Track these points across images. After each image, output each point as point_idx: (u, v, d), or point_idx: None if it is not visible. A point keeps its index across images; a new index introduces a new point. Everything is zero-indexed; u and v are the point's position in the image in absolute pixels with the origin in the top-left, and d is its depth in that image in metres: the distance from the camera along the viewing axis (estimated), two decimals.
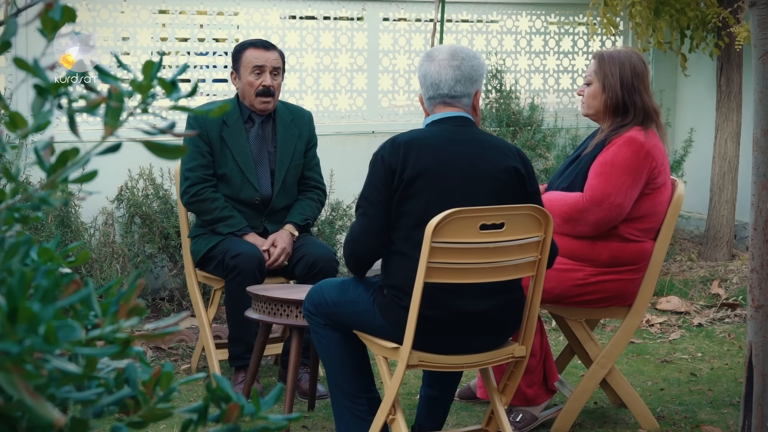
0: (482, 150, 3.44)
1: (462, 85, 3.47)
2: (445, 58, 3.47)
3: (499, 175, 3.41)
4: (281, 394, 1.40)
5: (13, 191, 1.32)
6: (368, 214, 3.39)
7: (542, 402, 4.12)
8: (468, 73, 3.48)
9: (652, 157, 3.94)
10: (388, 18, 6.75)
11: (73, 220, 5.42)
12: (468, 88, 3.48)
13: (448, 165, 3.37)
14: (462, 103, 3.49)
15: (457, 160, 3.39)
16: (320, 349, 3.62)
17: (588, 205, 3.91)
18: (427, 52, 3.55)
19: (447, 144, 3.41)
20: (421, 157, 3.35)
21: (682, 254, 6.96)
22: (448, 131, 3.45)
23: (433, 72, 3.47)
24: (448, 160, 3.38)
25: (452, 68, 3.46)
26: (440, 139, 3.42)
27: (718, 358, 5.15)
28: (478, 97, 3.53)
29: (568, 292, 3.97)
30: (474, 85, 3.50)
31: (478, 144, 3.46)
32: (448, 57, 3.48)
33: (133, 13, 5.98)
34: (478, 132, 3.51)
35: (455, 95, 3.47)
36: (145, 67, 1.32)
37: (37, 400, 1.14)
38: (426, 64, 3.49)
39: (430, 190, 3.34)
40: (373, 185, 3.37)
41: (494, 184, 3.41)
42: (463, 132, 3.46)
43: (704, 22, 6.55)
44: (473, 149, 3.43)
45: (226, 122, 4.60)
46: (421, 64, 3.53)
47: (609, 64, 4.02)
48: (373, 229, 3.38)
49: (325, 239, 5.95)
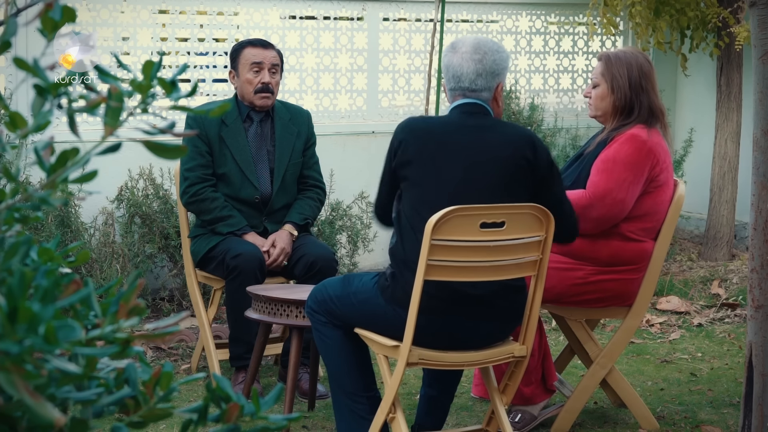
0: (489, 136, 3.43)
1: (483, 78, 3.48)
2: (468, 51, 3.48)
3: (504, 163, 3.39)
4: (281, 394, 1.40)
5: (13, 191, 1.32)
6: (380, 182, 3.58)
7: (540, 401, 4.12)
8: (490, 67, 3.48)
9: (654, 154, 3.94)
10: (388, 18, 6.75)
11: (73, 220, 5.42)
12: (489, 81, 3.49)
13: (450, 151, 3.40)
14: (482, 96, 3.50)
15: (459, 146, 3.40)
16: (322, 347, 3.62)
17: (590, 201, 3.91)
18: (453, 42, 3.57)
19: (453, 131, 3.44)
20: (419, 140, 3.41)
21: (682, 254, 6.96)
22: (456, 117, 3.48)
23: (455, 64, 3.48)
24: (449, 147, 3.40)
25: (474, 62, 3.47)
26: (446, 126, 3.46)
27: (718, 358, 5.15)
28: (500, 90, 3.53)
29: (567, 291, 3.97)
30: (496, 78, 3.50)
31: (486, 130, 3.45)
32: (471, 50, 3.49)
33: (133, 13, 5.98)
34: (490, 119, 3.50)
35: (475, 89, 3.49)
36: (145, 67, 1.32)
37: (37, 400, 1.14)
38: (450, 55, 3.51)
39: (424, 175, 3.38)
40: (385, 159, 3.54)
41: (499, 171, 3.39)
42: (473, 119, 3.47)
43: (704, 22, 6.55)
44: (479, 135, 3.43)
45: (225, 122, 4.60)
46: (445, 53, 3.56)
47: (616, 66, 4.02)
48: (381, 197, 3.59)
49: (325, 239, 5.95)
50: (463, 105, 3.49)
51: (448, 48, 3.56)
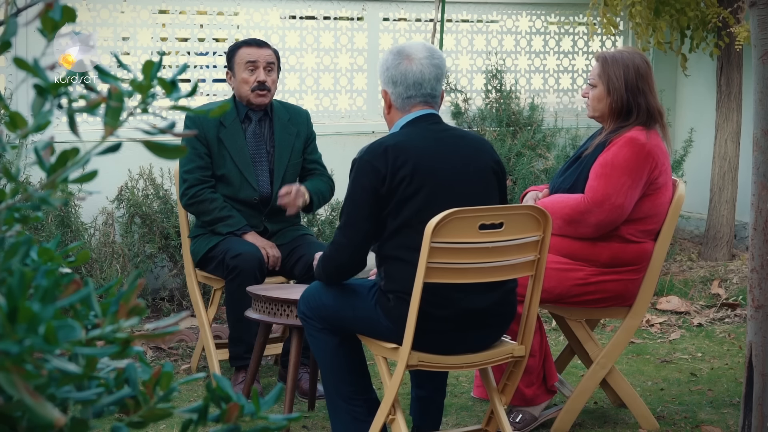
0: (465, 146, 3.46)
1: (439, 83, 3.50)
2: (424, 57, 3.46)
3: (483, 169, 3.45)
4: (281, 394, 1.40)
5: (13, 191, 1.32)
6: (353, 223, 3.36)
7: (542, 402, 4.12)
8: (443, 72, 3.50)
9: (653, 158, 3.94)
10: (388, 18, 6.75)
11: (73, 220, 5.42)
12: (441, 86, 3.53)
13: (438, 163, 3.38)
14: (437, 102, 3.52)
15: (445, 157, 3.40)
16: (317, 353, 3.61)
17: (589, 206, 3.91)
18: (398, 49, 3.49)
19: (433, 143, 3.41)
20: (411, 158, 3.33)
21: (682, 254, 6.96)
22: (428, 130, 3.44)
23: (415, 71, 3.44)
24: (437, 159, 3.38)
25: (433, 66, 3.46)
26: (425, 140, 3.41)
27: (718, 358, 5.15)
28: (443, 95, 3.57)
29: (568, 291, 3.97)
30: (442, 83, 3.55)
31: (460, 140, 3.48)
32: (427, 56, 3.46)
33: (133, 13, 5.98)
34: (454, 128, 3.57)
35: (435, 94, 3.49)
36: (145, 67, 1.32)
37: (37, 400, 1.14)
38: (405, 63, 3.45)
39: (425, 191, 3.33)
40: (359, 193, 3.34)
41: (481, 177, 3.44)
42: (441, 129, 3.47)
43: (704, 22, 6.55)
44: (458, 146, 3.45)
45: (223, 123, 4.60)
46: (394, 61, 3.46)
47: (613, 67, 4.00)
48: (359, 240, 3.37)
49: (325, 239, 5.95)
50: (426, 116, 3.46)
51: (395, 56, 3.47)
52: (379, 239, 3.39)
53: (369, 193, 3.32)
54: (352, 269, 3.44)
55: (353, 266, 3.43)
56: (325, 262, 3.46)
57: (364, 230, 3.35)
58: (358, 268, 3.44)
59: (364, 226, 3.34)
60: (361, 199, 3.34)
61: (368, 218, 3.34)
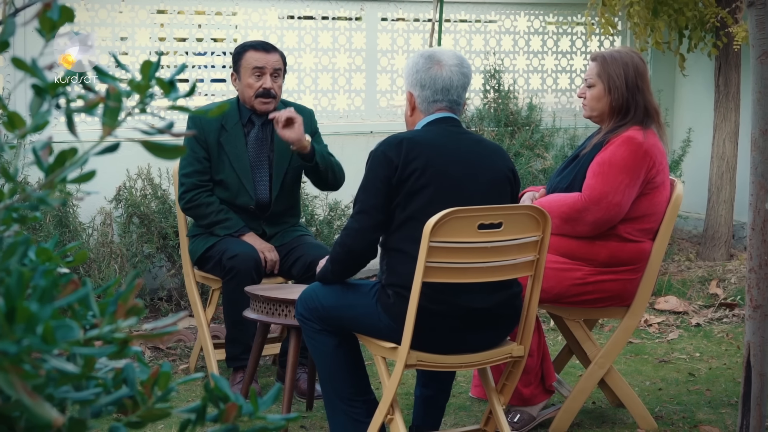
0: (481, 150, 3.51)
1: (464, 92, 3.57)
2: (455, 65, 3.53)
3: (497, 175, 3.48)
4: (279, 394, 1.41)
5: (12, 191, 1.32)
6: (366, 210, 3.40)
7: (539, 402, 4.12)
8: (469, 81, 3.58)
9: (650, 156, 3.94)
10: (387, 18, 6.75)
11: (72, 220, 5.42)
12: (465, 95, 3.59)
13: (451, 162, 3.42)
14: (460, 110, 3.58)
15: (459, 157, 3.44)
16: (315, 354, 3.61)
17: (586, 204, 3.91)
18: (429, 54, 3.55)
19: (449, 143, 3.45)
20: (424, 153, 3.37)
21: (680, 254, 6.96)
22: (446, 131, 3.50)
23: (445, 77, 3.51)
24: (450, 157, 3.42)
25: (462, 75, 3.54)
26: (441, 138, 3.46)
27: (716, 357, 5.15)
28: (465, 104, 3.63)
29: (566, 291, 3.98)
30: (467, 91, 3.62)
31: (477, 144, 3.53)
32: (457, 63, 3.53)
33: (132, 13, 5.98)
34: (473, 133, 3.62)
35: (460, 102, 3.56)
36: (144, 67, 1.32)
37: (35, 400, 1.14)
38: (435, 68, 3.51)
39: (434, 187, 3.36)
40: (372, 182, 3.38)
41: (494, 182, 3.47)
42: (460, 132, 3.53)
43: (702, 22, 6.55)
44: (473, 148, 3.49)
45: (225, 127, 4.56)
46: (425, 65, 3.53)
47: (612, 66, 4.01)
48: (371, 226, 3.40)
49: (324, 239, 5.95)
50: (446, 119, 3.52)
51: (426, 60, 3.53)
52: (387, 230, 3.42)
53: (382, 182, 3.37)
54: (362, 256, 3.46)
55: (363, 252, 3.45)
56: (336, 249, 3.48)
57: (376, 219, 3.39)
58: (368, 255, 3.46)
59: (376, 215, 3.38)
60: (374, 188, 3.38)
61: (380, 208, 3.38)
